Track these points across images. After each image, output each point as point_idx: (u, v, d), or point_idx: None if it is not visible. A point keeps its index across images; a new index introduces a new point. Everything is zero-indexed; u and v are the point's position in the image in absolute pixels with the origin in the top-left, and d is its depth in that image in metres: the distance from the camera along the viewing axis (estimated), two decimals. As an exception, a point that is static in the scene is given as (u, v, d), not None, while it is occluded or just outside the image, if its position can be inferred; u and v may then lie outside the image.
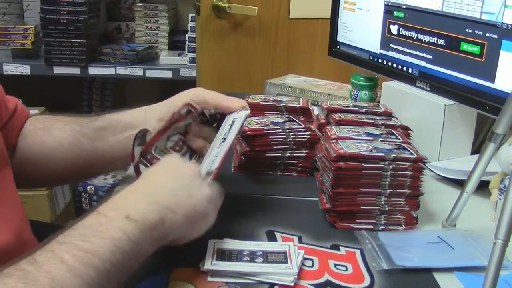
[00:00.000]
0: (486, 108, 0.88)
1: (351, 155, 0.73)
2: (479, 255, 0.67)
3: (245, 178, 0.91)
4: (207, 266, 0.62)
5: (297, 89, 1.33)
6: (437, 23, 0.96)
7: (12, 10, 2.40)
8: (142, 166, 0.74)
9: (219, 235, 0.68)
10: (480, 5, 0.87)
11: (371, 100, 1.18)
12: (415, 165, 0.73)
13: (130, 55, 2.22)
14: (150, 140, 0.75)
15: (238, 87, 1.91)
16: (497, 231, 0.54)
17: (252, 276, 0.61)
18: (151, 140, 0.75)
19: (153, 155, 0.74)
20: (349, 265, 0.66)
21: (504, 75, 0.85)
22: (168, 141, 0.78)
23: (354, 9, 1.20)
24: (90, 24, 2.22)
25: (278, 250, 0.66)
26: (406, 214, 0.75)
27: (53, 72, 2.21)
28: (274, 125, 0.89)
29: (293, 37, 2.02)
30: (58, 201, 2.16)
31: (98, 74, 2.27)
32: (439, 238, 0.71)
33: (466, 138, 1.01)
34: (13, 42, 2.23)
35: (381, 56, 1.13)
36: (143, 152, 0.74)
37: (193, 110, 0.78)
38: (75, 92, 2.51)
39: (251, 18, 1.93)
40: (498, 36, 0.85)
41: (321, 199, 0.79)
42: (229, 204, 0.81)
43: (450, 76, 0.95)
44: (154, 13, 2.37)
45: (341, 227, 0.75)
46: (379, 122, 0.88)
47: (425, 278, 0.64)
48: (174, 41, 2.42)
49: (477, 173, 0.70)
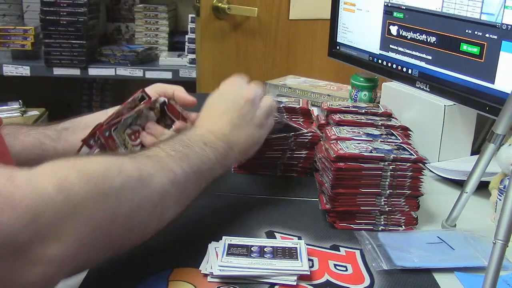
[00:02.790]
0: (486, 108, 0.88)
1: (351, 155, 0.73)
2: (479, 256, 0.67)
3: (245, 178, 0.91)
4: (215, 272, 0.61)
5: (297, 90, 1.33)
6: (437, 23, 0.97)
7: (12, 11, 2.40)
8: (85, 146, 0.78)
9: (219, 235, 0.68)
10: (479, 6, 0.87)
11: (370, 100, 1.18)
12: (415, 166, 0.73)
13: (130, 56, 2.23)
14: (103, 121, 0.79)
15: (238, 88, 1.91)
16: (497, 232, 0.54)
17: (260, 275, 0.61)
18: (104, 121, 0.79)
19: (111, 134, 0.79)
20: (349, 266, 0.66)
21: (504, 76, 0.85)
22: (128, 128, 0.81)
23: (354, 10, 1.20)
24: (90, 25, 2.22)
25: (288, 246, 0.66)
26: (406, 215, 0.75)
27: (53, 73, 2.21)
28: (278, 132, 0.89)
29: (293, 38, 2.02)
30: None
31: (98, 75, 2.27)
32: (439, 238, 0.71)
33: (466, 139, 1.01)
34: (13, 43, 2.24)
35: (381, 57, 1.13)
36: (92, 132, 0.78)
37: (147, 97, 0.83)
38: (75, 93, 2.52)
39: (251, 19, 1.94)
40: (497, 37, 0.85)
41: (321, 200, 0.79)
42: (229, 204, 0.82)
43: (450, 76, 0.96)
44: (154, 14, 2.37)
45: (341, 228, 0.75)
46: (379, 123, 0.88)
47: (425, 278, 0.64)
48: (174, 42, 2.43)
49: (477, 174, 0.70)
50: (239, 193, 0.85)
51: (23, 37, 2.23)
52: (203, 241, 0.68)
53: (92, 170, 0.52)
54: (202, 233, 0.71)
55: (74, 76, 2.22)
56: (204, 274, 0.62)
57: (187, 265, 0.64)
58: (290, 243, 0.68)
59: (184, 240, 0.70)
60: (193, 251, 0.67)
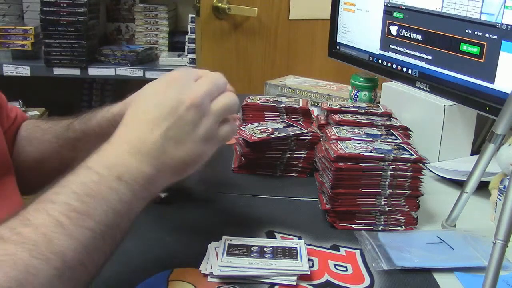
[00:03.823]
0: (486, 108, 0.88)
1: (351, 155, 0.73)
2: (479, 256, 0.67)
3: (245, 178, 0.91)
4: (215, 272, 0.61)
5: (297, 90, 1.33)
6: (437, 23, 0.97)
7: (12, 11, 2.40)
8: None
9: (219, 235, 0.68)
10: (479, 6, 0.87)
11: (370, 100, 1.18)
12: (415, 166, 0.73)
13: (130, 56, 2.23)
14: None
15: (238, 88, 1.90)
16: (497, 232, 0.54)
17: (260, 275, 0.61)
18: None
19: None
20: (349, 266, 0.66)
21: (504, 76, 0.85)
22: None
23: (354, 10, 1.20)
24: (90, 25, 2.22)
25: (288, 246, 0.66)
26: (406, 215, 0.75)
27: (53, 73, 2.21)
28: (279, 132, 0.89)
29: (293, 38, 2.02)
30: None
31: (98, 75, 2.27)
32: (439, 238, 0.71)
33: (465, 139, 1.01)
34: (13, 43, 2.24)
35: (381, 57, 1.13)
36: None
37: None
38: (75, 93, 2.52)
39: (251, 19, 1.94)
40: (497, 37, 0.85)
41: (321, 200, 0.79)
42: (229, 204, 0.82)
43: (450, 76, 0.96)
44: (154, 14, 2.37)
45: (341, 228, 0.75)
46: (379, 123, 0.88)
47: (425, 278, 0.64)
48: (174, 42, 2.43)
49: (477, 174, 0.70)
50: (239, 193, 0.85)
51: (23, 37, 2.23)
52: (203, 241, 0.67)
53: None
54: (202, 233, 0.72)
55: (74, 76, 2.22)
56: (204, 274, 0.62)
57: (187, 265, 0.64)
58: (290, 243, 0.68)
59: (184, 240, 0.70)
60: (193, 251, 0.67)
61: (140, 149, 0.55)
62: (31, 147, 0.81)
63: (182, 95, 0.57)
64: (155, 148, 0.56)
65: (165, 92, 0.58)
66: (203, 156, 0.59)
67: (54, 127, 0.81)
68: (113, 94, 2.52)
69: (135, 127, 0.57)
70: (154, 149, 0.56)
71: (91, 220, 0.49)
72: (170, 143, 0.56)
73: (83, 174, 0.52)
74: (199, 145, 0.58)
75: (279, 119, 0.97)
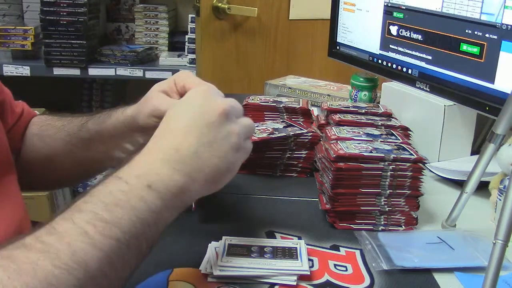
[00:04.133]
0: (486, 108, 0.88)
1: (351, 155, 0.73)
2: (479, 256, 0.67)
3: (245, 178, 0.91)
4: (215, 272, 0.61)
5: (297, 90, 1.33)
6: (437, 23, 0.97)
7: (12, 11, 2.40)
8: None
9: (219, 235, 0.68)
10: (479, 6, 0.87)
11: (370, 100, 1.18)
12: (415, 166, 0.73)
13: (130, 56, 2.23)
14: None
15: (238, 88, 1.91)
16: (497, 232, 0.54)
17: (261, 275, 0.61)
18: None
19: None
20: (349, 266, 0.66)
21: (504, 76, 0.85)
22: None
23: (354, 10, 1.20)
24: (90, 25, 2.22)
25: (288, 246, 0.66)
26: (406, 215, 0.75)
27: (53, 73, 2.21)
28: (279, 132, 0.89)
29: (293, 38, 2.02)
30: (58, 202, 2.16)
31: (98, 75, 2.27)
32: (439, 238, 0.71)
33: (465, 139, 1.01)
34: (13, 43, 2.24)
35: (381, 57, 1.13)
36: None
37: None
38: (75, 93, 2.51)
39: (251, 19, 1.94)
40: (497, 37, 0.85)
41: (321, 200, 0.79)
42: (229, 204, 0.82)
43: (450, 76, 0.96)
44: (154, 14, 2.37)
45: (341, 228, 0.75)
46: (379, 123, 0.88)
47: (425, 278, 0.64)
48: (174, 42, 2.42)
49: (477, 174, 0.70)
50: (239, 193, 0.85)
51: (23, 37, 2.23)
52: (203, 241, 0.68)
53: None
54: (202, 233, 0.72)
55: (74, 76, 2.22)
56: (204, 274, 0.62)
57: (187, 265, 0.64)
58: (290, 243, 0.68)
59: (184, 240, 0.70)
60: (193, 251, 0.67)
61: (173, 156, 0.54)
62: (42, 144, 0.82)
63: (213, 103, 0.58)
64: (189, 154, 0.55)
65: (195, 103, 0.59)
66: (235, 165, 0.59)
67: (67, 125, 0.81)
68: (113, 94, 2.52)
69: (168, 136, 0.57)
70: (188, 156, 0.55)
71: (117, 229, 0.48)
72: (205, 148, 0.56)
73: (112, 184, 0.51)
74: (232, 152, 0.58)
75: (279, 119, 0.97)
